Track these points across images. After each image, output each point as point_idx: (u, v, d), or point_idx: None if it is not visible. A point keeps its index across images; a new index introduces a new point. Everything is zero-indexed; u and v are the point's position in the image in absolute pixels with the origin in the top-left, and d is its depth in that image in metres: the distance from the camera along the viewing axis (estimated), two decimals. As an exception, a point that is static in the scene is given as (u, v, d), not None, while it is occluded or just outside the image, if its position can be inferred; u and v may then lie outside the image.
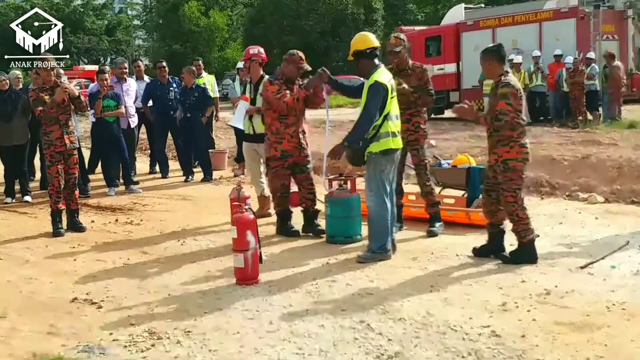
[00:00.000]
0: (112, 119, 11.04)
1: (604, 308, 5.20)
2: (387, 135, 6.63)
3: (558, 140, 14.42)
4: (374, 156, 6.68)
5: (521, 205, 6.58)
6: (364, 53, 6.81)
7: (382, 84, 6.59)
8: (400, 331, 4.81)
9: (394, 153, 6.76)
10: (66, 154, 8.40)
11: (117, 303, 5.69)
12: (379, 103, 6.56)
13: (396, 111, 6.80)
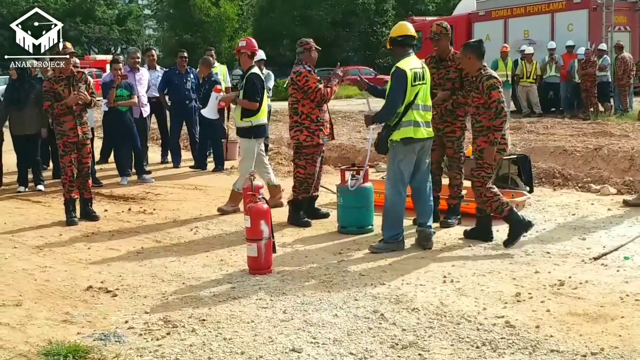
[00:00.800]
0: (125, 108, 11.06)
1: (618, 299, 5.20)
2: (409, 124, 6.63)
3: (569, 131, 14.38)
4: (394, 144, 6.71)
5: (487, 187, 6.84)
6: (395, 40, 6.86)
7: (403, 71, 6.59)
8: (414, 321, 4.82)
9: (416, 143, 6.71)
10: (79, 143, 8.42)
11: (131, 291, 5.72)
12: (400, 89, 6.58)
13: (424, 101, 6.77)
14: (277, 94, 33.66)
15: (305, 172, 7.99)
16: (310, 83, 7.76)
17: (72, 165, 8.39)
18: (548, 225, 7.62)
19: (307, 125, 7.88)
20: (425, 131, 6.75)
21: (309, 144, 7.92)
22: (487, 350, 4.31)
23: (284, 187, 10.30)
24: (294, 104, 7.98)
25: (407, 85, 6.58)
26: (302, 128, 7.91)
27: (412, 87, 6.61)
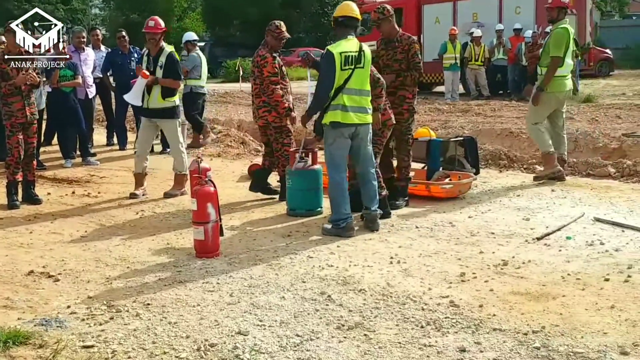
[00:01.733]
0: (68, 89, 10.85)
1: (560, 278, 5.30)
2: (337, 107, 6.55)
3: (516, 113, 14.58)
4: (325, 127, 6.68)
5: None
6: (337, 21, 6.79)
7: (331, 54, 6.52)
8: (361, 302, 4.84)
9: (345, 127, 6.60)
10: (27, 123, 8.24)
11: (74, 276, 5.61)
12: (330, 72, 6.52)
13: (360, 86, 6.66)
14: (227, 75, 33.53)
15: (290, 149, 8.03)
16: (265, 70, 7.87)
17: (20, 146, 8.20)
18: (493, 207, 7.72)
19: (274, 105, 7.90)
20: (356, 116, 6.61)
21: (277, 124, 7.90)
22: (432, 330, 4.35)
23: (234, 170, 10.28)
24: (261, 85, 8.00)
25: (335, 69, 6.51)
26: (270, 108, 7.90)
27: (341, 71, 6.53)
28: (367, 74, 6.77)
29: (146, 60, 8.55)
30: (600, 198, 8.02)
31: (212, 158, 11.28)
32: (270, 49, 8.00)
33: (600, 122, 13.04)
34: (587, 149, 10.62)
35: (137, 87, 8.47)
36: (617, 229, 6.68)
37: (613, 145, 10.48)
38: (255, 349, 4.10)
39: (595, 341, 4.11)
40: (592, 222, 6.96)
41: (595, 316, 4.52)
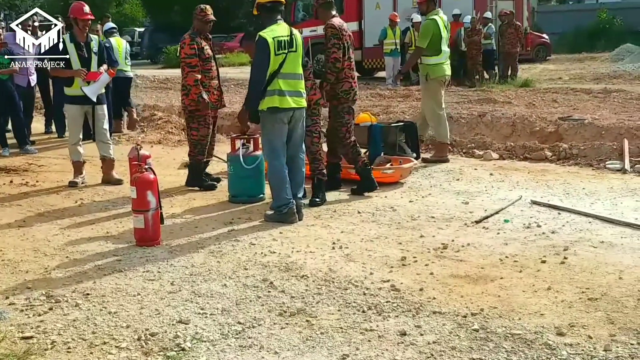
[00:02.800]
0: (5, 76, 10.58)
1: (498, 261, 5.40)
2: (274, 93, 6.54)
3: (456, 99, 14.72)
4: (262, 114, 6.64)
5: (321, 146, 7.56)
6: (264, 6, 6.73)
7: (265, 39, 6.49)
8: (303, 288, 4.86)
9: (282, 112, 6.59)
10: None
11: (12, 266, 5.50)
12: (264, 58, 6.49)
13: (293, 69, 6.67)
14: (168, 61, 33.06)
15: (199, 134, 8.01)
16: (183, 52, 7.87)
17: None
18: (433, 191, 7.83)
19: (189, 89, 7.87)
20: (292, 100, 6.63)
21: (193, 108, 7.89)
22: (373, 314, 4.40)
23: (175, 157, 10.18)
24: (182, 69, 7.99)
25: (270, 54, 6.50)
26: (187, 91, 7.88)
27: (275, 56, 6.51)
28: (300, 58, 6.77)
29: (73, 47, 8.31)
30: (537, 181, 8.19)
31: (153, 145, 11.15)
32: (196, 32, 7.96)
33: (537, 107, 13.28)
34: (524, 133, 10.82)
35: (101, 84, 8.35)
36: (554, 211, 6.84)
37: (550, 129, 10.70)
38: (197, 338, 4.09)
39: (532, 322, 4.21)
40: (530, 205, 7.11)
41: (532, 298, 4.63)
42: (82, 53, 8.27)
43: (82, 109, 8.45)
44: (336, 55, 7.46)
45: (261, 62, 6.51)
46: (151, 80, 21.68)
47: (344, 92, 7.56)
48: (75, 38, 8.32)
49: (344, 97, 7.59)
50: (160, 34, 40.99)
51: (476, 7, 19.92)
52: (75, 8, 8.34)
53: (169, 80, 20.91)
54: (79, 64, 8.23)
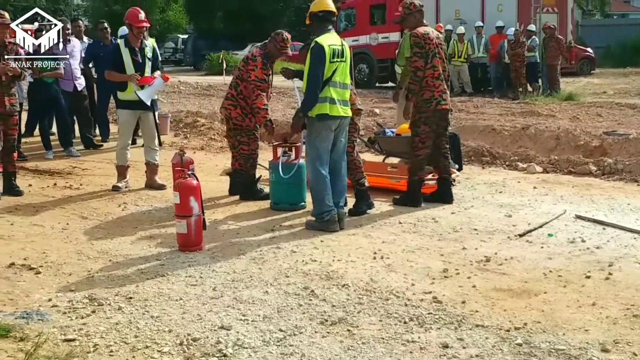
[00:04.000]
0: (50, 79, 10.76)
1: (541, 275, 5.33)
2: (325, 100, 6.56)
3: (499, 111, 14.64)
4: (310, 121, 6.66)
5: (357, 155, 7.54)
6: (316, 15, 6.76)
7: (322, 46, 6.52)
8: (344, 297, 4.85)
9: (331, 120, 6.63)
10: (6, 115, 8.17)
11: (55, 269, 5.57)
12: (319, 64, 6.51)
13: (343, 79, 6.71)
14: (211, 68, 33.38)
15: (249, 148, 7.99)
16: (253, 74, 7.77)
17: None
18: (476, 203, 7.76)
19: (242, 105, 7.86)
20: (341, 109, 6.67)
21: (239, 123, 7.88)
22: (415, 326, 4.36)
23: (217, 163, 10.25)
24: (237, 79, 7.98)
25: (325, 62, 6.52)
26: (236, 104, 7.88)
27: (330, 63, 6.54)
28: (348, 68, 6.81)
29: (128, 52, 8.44)
30: (581, 196, 8.08)
31: (196, 151, 11.23)
32: (267, 56, 7.90)
33: (581, 120, 13.13)
34: (568, 147, 10.68)
35: (154, 88, 8.42)
36: (598, 226, 6.74)
37: (594, 143, 10.56)
38: (239, 344, 4.09)
39: (576, 338, 4.14)
40: (574, 219, 7.01)
41: (576, 313, 4.56)
42: (137, 58, 8.37)
43: (134, 114, 8.54)
44: (417, 64, 7.43)
45: (318, 69, 6.53)
46: (194, 86, 21.89)
47: (423, 101, 7.49)
48: (129, 43, 8.43)
49: (423, 107, 7.51)
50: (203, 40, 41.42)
51: (520, 20, 19.77)
52: (130, 14, 8.47)
53: (211, 87, 21.10)
54: (132, 69, 8.34)
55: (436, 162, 7.81)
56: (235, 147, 8.08)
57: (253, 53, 7.95)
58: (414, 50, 7.44)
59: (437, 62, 7.49)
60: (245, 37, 42.80)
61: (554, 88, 18.45)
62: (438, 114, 7.54)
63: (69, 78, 11.07)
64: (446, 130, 7.82)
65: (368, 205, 7.42)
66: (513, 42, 18.51)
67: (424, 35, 7.44)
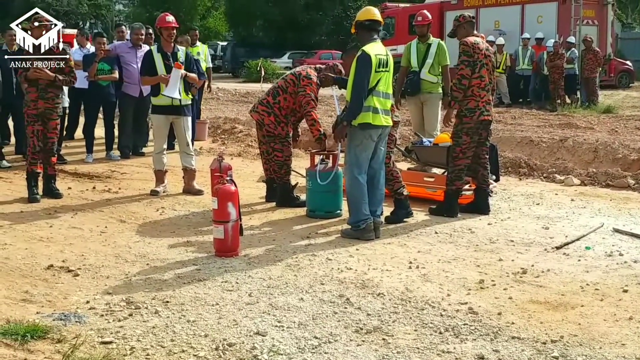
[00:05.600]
0: (105, 82, 10.95)
1: (578, 288, 5.28)
2: (368, 109, 6.57)
3: (536, 122, 14.53)
4: (352, 129, 6.66)
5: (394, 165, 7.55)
6: (362, 24, 6.78)
7: (368, 55, 6.53)
8: (379, 306, 4.84)
9: (373, 129, 6.64)
10: (45, 117, 8.31)
11: (93, 271, 5.65)
12: (366, 73, 6.52)
13: (386, 89, 6.72)
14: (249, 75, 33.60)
15: (283, 155, 8.02)
16: (309, 93, 7.80)
17: (35, 137, 8.29)
18: (513, 214, 7.70)
19: (276, 113, 7.89)
20: (383, 119, 6.68)
21: (272, 131, 7.92)
22: (450, 336, 4.35)
23: (254, 170, 10.31)
24: (279, 89, 8.01)
25: (371, 71, 6.53)
26: (270, 112, 7.91)
27: (375, 72, 6.56)
28: (391, 78, 6.81)
29: (160, 57, 8.53)
30: (619, 209, 7.98)
31: (233, 157, 11.31)
32: (320, 80, 7.95)
33: (620, 133, 12.97)
34: (606, 160, 10.57)
35: (174, 80, 8.41)
36: (636, 240, 6.65)
37: (633, 156, 10.42)
38: (274, 350, 4.11)
39: (613, 352, 4.10)
40: (611, 233, 6.93)
41: (613, 327, 4.51)
42: (169, 63, 8.47)
43: (167, 119, 8.64)
44: (463, 72, 7.43)
45: (364, 78, 6.54)
46: (232, 93, 22.08)
47: (468, 110, 7.47)
48: (162, 48, 8.53)
49: (467, 116, 7.49)
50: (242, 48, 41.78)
51: (559, 31, 19.61)
52: (159, 18, 8.64)
53: (249, 94, 21.25)
54: (164, 73, 8.44)
55: (475, 173, 7.77)
56: (269, 153, 8.11)
57: (308, 73, 7.97)
58: (462, 59, 7.45)
59: (484, 72, 7.49)
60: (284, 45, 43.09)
61: (592, 100, 18.28)
62: (480, 124, 7.52)
63: (135, 82, 11.18)
64: (487, 141, 7.78)
65: (407, 213, 7.41)
66: (552, 53, 18.37)
67: (474, 45, 7.45)
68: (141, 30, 11.53)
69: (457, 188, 7.63)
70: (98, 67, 10.77)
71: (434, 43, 9.83)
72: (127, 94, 11.22)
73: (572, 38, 19.01)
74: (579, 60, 18.81)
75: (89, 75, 10.84)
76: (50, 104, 8.36)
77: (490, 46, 8.02)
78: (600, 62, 18.83)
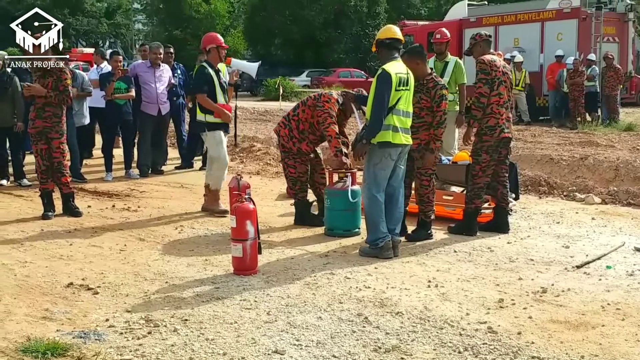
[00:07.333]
0: (122, 101, 11.04)
1: (599, 307, 5.23)
2: (388, 128, 6.56)
3: (557, 140, 14.45)
4: (371, 147, 6.65)
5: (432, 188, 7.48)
6: (383, 42, 6.80)
7: (389, 74, 6.53)
8: (398, 325, 4.82)
9: (393, 148, 6.63)
10: (47, 137, 8.34)
11: (113, 289, 5.67)
12: (386, 91, 6.52)
13: (406, 107, 6.71)
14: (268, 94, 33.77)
15: (297, 171, 8.01)
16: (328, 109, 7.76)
17: (39, 155, 8.39)
18: (532, 233, 7.65)
19: (292, 126, 7.94)
20: (403, 137, 6.67)
21: (285, 144, 7.98)
22: (469, 356, 4.32)
23: (272, 188, 10.33)
24: (300, 103, 8.11)
25: (392, 89, 6.54)
26: (287, 124, 7.99)
27: (395, 91, 6.55)
28: (412, 96, 6.82)
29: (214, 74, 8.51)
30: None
31: (251, 176, 11.34)
32: (340, 104, 7.92)
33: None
34: (628, 178, 10.48)
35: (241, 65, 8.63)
36: (659, 259, 6.58)
37: (655, 175, 10.33)
38: (292, 369, 4.10)
39: (635, 373, 4.06)
40: (633, 251, 6.87)
41: (635, 347, 4.47)
42: (221, 81, 8.56)
43: (223, 134, 8.68)
44: (482, 90, 7.42)
45: (384, 95, 6.54)
46: (251, 111, 22.17)
47: (488, 128, 7.45)
48: (213, 65, 8.57)
49: (487, 134, 7.46)
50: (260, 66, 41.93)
51: (580, 49, 19.54)
52: (215, 37, 8.74)
53: (268, 113, 21.32)
54: (221, 92, 8.53)
55: (494, 191, 7.74)
56: (285, 169, 8.17)
57: (330, 92, 8.01)
58: (479, 77, 7.44)
59: (502, 89, 7.49)
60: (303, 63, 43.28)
61: (613, 118, 18.18)
62: (500, 142, 7.50)
63: (154, 102, 11.27)
64: (507, 159, 7.75)
65: (427, 234, 7.39)
66: (572, 71, 18.30)
67: (491, 63, 7.45)
68: (160, 50, 11.63)
69: (477, 206, 7.60)
70: (115, 86, 10.87)
71: (451, 61, 9.84)
72: (146, 112, 11.31)
73: (593, 55, 18.93)
74: (600, 77, 18.72)
75: (106, 95, 10.94)
76: (48, 123, 8.34)
77: (507, 64, 8.02)
78: (621, 80, 18.74)
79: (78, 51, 43.36)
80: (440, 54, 9.94)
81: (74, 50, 43.68)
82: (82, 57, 37.65)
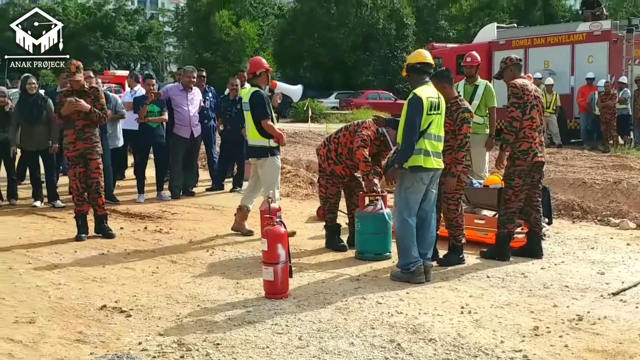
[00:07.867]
0: (155, 124, 11.13)
1: (637, 336, 5.14)
2: (420, 152, 6.55)
3: (589, 163, 14.30)
4: (402, 171, 6.64)
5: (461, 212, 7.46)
6: (414, 67, 6.81)
7: (420, 98, 6.53)
8: (431, 352, 4.77)
9: (425, 172, 6.62)
10: (86, 158, 8.45)
11: (145, 312, 5.69)
12: (417, 116, 6.51)
13: (438, 131, 6.71)
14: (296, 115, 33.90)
15: (327, 192, 8.04)
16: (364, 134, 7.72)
17: (76, 179, 8.47)
18: (567, 259, 7.55)
19: (330, 147, 8.01)
20: (435, 161, 6.66)
21: (321, 163, 8.06)
22: (505, 385, 4.25)
23: (302, 211, 10.32)
24: (343, 127, 8.19)
25: (423, 113, 6.53)
26: (327, 144, 8.10)
27: (427, 115, 6.55)
28: (443, 120, 6.80)
29: None
30: (678, 254, 7.77)
31: (281, 198, 11.33)
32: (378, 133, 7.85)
33: (677, 175, 12.66)
34: (663, 203, 10.32)
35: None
36: (696, 286, 6.46)
37: (691, 199, 10.17)
38: (325, 396, 4.07)
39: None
40: (670, 279, 6.75)
41: (675, 378, 4.37)
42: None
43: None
44: (514, 114, 7.38)
45: (415, 120, 6.54)
46: (279, 134, 22.15)
47: (521, 152, 7.40)
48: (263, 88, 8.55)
49: (520, 158, 7.41)
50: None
51: (611, 71, 19.38)
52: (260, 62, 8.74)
53: (297, 134, 21.36)
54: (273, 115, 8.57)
55: (527, 215, 7.67)
56: (318, 188, 8.16)
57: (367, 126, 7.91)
58: (511, 101, 7.41)
59: (535, 113, 7.45)
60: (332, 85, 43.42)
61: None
62: (533, 166, 7.44)
63: (187, 124, 11.37)
64: (540, 183, 7.69)
65: (459, 259, 7.34)
66: (603, 93, 18.15)
67: (523, 87, 7.42)
68: (194, 74, 11.73)
69: (509, 231, 7.53)
70: (148, 109, 10.97)
71: (481, 84, 9.81)
72: (178, 135, 11.39)
73: (624, 78, 18.77)
74: (632, 100, 18.54)
75: (139, 117, 11.04)
76: (89, 144, 8.47)
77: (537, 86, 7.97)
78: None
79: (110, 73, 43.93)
80: (470, 77, 9.91)
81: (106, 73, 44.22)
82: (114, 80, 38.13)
